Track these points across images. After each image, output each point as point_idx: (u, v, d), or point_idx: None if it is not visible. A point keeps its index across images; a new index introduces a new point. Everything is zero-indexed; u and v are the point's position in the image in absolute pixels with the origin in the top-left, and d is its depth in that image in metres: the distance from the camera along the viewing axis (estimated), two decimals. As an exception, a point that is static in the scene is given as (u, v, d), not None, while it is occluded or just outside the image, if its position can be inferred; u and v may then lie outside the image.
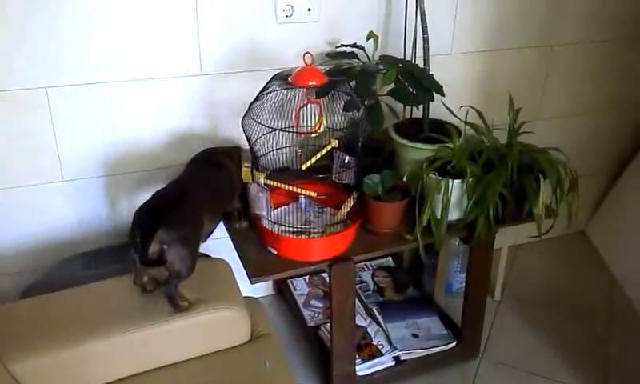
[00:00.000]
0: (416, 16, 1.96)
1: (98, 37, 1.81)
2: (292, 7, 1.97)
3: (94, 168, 1.97)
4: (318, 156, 1.78)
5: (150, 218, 1.46)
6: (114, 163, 1.99)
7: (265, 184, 1.70)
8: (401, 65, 1.89)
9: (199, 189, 1.62)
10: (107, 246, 2.02)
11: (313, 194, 1.77)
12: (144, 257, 1.44)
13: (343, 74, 1.80)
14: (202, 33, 1.92)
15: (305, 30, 2.02)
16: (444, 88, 1.84)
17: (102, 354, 1.45)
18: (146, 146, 2.00)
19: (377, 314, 2.23)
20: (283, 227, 1.74)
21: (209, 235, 1.67)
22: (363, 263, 2.51)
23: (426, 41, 1.93)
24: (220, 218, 1.75)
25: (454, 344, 2.10)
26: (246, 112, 1.68)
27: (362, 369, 1.99)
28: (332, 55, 2.01)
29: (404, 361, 2.04)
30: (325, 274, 2.44)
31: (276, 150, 1.75)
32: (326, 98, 1.71)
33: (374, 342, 2.10)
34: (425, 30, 1.93)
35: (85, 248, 2.00)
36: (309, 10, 2.00)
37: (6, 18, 1.69)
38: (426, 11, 1.92)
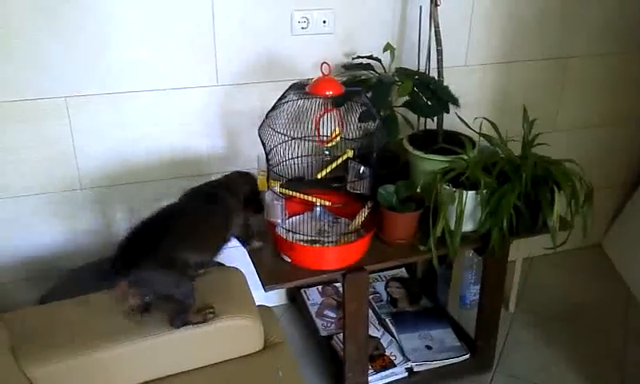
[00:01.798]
0: (430, 28, 1.98)
1: (117, 48, 1.85)
2: (307, 19, 1.99)
3: (112, 177, 2.00)
4: (334, 165, 1.79)
5: (125, 265, 1.41)
6: (131, 172, 2.01)
7: (280, 192, 1.71)
8: (417, 77, 1.90)
9: (180, 224, 1.53)
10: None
11: (327, 203, 1.78)
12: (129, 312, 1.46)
13: (360, 85, 1.82)
14: (218, 44, 1.94)
15: (320, 41, 2.04)
16: (458, 100, 1.85)
17: (116, 360, 1.46)
18: (163, 156, 2.03)
19: (390, 324, 2.23)
20: (298, 235, 1.75)
21: (203, 266, 1.61)
22: (376, 274, 2.51)
23: (439, 53, 1.94)
24: (217, 250, 1.63)
25: (467, 356, 2.09)
26: (264, 120, 1.69)
27: (375, 380, 1.99)
28: (348, 66, 2.03)
29: (417, 372, 2.04)
30: (338, 284, 2.45)
31: (292, 158, 1.76)
32: (342, 108, 1.72)
33: (387, 353, 2.09)
34: (439, 42, 1.94)
35: (101, 255, 2.03)
36: (324, 22, 2.02)
37: (28, 31, 1.74)
38: (440, 23, 1.93)
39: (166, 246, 1.45)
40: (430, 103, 1.85)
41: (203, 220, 1.60)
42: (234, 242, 1.83)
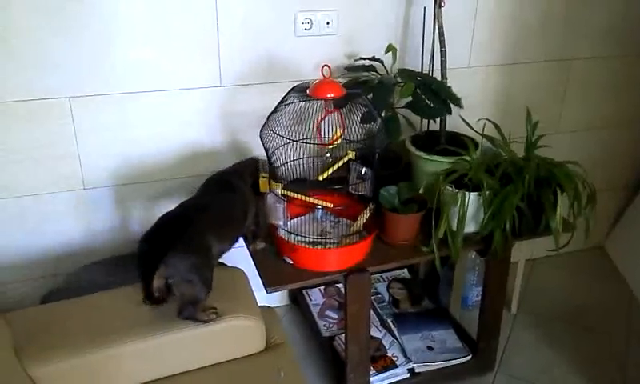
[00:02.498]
0: (434, 29, 1.98)
1: (121, 48, 1.85)
2: (311, 21, 2.00)
3: (115, 177, 2.00)
4: (335, 167, 1.79)
5: (151, 252, 1.45)
6: (134, 172, 2.02)
7: (282, 194, 1.72)
8: (419, 78, 1.90)
9: (205, 212, 1.59)
10: (126, 253, 2.04)
11: (329, 204, 1.79)
12: (149, 296, 1.47)
13: (361, 87, 1.82)
14: (222, 45, 1.95)
15: (323, 43, 2.05)
16: (461, 101, 1.85)
17: (118, 360, 1.47)
18: (166, 156, 2.03)
19: (392, 325, 2.23)
20: (299, 237, 1.75)
21: (221, 255, 1.64)
22: (379, 275, 2.52)
23: (443, 54, 1.94)
24: (234, 239, 1.70)
25: (469, 357, 2.09)
26: (265, 123, 1.70)
27: (377, 380, 1.99)
28: (350, 68, 2.03)
29: (418, 373, 2.04)
30: (340, 285, 2.45)
31: (293, 160, 1.77)
32: (344, 110, 1.72)
33: (389, 354, 2.10)
34: (442, 44, 1.94)
35: (104, 255, 2.04)
36: (327, 23, 2.02)
37: (32, 31, 1.74)
38: (444, 24, 1.93)
39: (192, 232, 1.51)
40: (432, 104, 1.85)
41: (225, 210, 1.66)
42: (237, 243, 1.84)
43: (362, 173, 1.76)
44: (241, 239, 1.76)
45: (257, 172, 1.79)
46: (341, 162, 1.80)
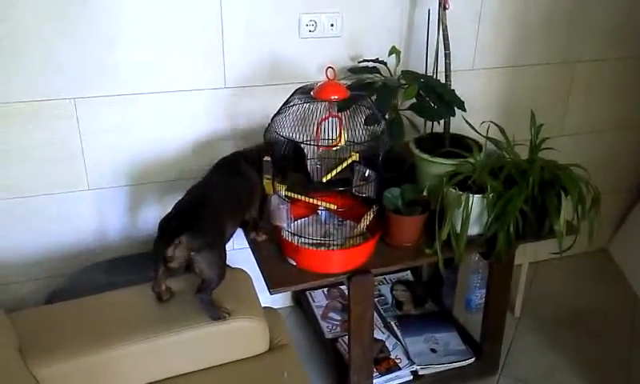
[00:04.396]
0: (438, 31, 1.98)
1: (125, 50, 1.85)
2: (315, 22, 2.00)
3: (119, 177, 2.01)
4: (339, 169, 1.79)
5: (175, 226, 1.48)
6: (137, 173, 2.02)
7: (285, 196, 1.72)
8: (422, 80, 1.90)
9: (220, 195, 1.63)
10: (130, 254, 2.05)
11: (333, 206, 1.79)
12: (170, 259, 1.46)
13: (365, 89, 1.82)
14: (226, 47, 1.95)
15: (327, 45, 2.05)
16: (465, 103, 1.85)
17: (122, 361, 1.47)
18: (170, 157, 2.04)
19: (395, 327, 2.23)
20: (303, 239, 1.75)
21: (228, 241, 1.67)
22: (382, 277, 2.52)
23: (447, 56, 1.94)
24: (239, 224, 1.75)
25: (472, 360, 2.09)
26: (269, 125, 1.70)
27: (380, 382, 1.99)
28: (354, 70, 2.03)
29: (422, 375, 2.04)
30: (343, 287, 2.45)
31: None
32: (348, 111, 1.72)
33: (392, 356, 2.10)
34: (447, 46, 1.94)
35: (108, 256, 2.04)
36: (331, 25, 2.02)
37: (37, 33, 1.75)
38: (448, 26, 1.93)
39: (211, 214, 1.54)
40: (436, 106, 1.85)
41: (236, 192, 1.69)
42: (240, 244, 1.84)
43: (366, 175, 1.76)
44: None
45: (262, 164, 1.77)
46: (345, 164, 1.80)
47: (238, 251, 1.79)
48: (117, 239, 2.09)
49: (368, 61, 2.01)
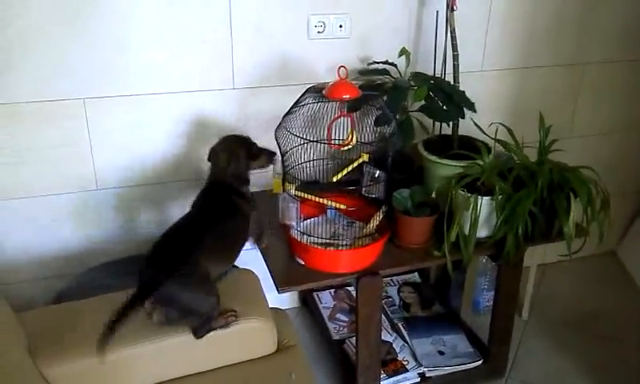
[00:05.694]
0: (446, 33, 1.98)
1: (134, 52, 1.86)
2: (324, 24, 2.00)
3: (128, 178, 2.01)
4: (349, 169, 1.79)
5: (150, 284, 1.43)
6: (147, 174, 2.03)
7: (295, 195, 1.72)
8: (432, 81, 1.90)
9: (204, 240, 1.53)
10: (138, 254, 2.05)
11: (342, 206, 1.79)
12: (150, 317, 1.48)
13: (375, 90, 1.82)
14: (235, 48, 1.96)
15: (336, 46, 2.05)
16: (475, 105, 1.84)
17: (130, 361, 1.47)
18: (179, 158, 2.04)
19: (402, 329, 2.22)
20: (312, 238, 1.75)
21: (224, 275, 1.64)
22: (389, 278, 2.51)
23: (455, 58, 1.94)
24: (236, 258, 1.67)
25: (480, 362, 2.08)
26: (280, 123, 1.70)
27: (387, 384, 1.99)
28: (364, 72, 2.03)
29: (429, 378, 2.03)
30: (350, 288, 2.45)
31: (307, 161, 1.77)
32: (357, 112, 1.72)
33: (400, 358, 2.09)
34: (455, 47, 1.93)
35: (116, 256, 2.05)
36: (340, 26, 2.02)
37: (48, 34, 1.76)
38: (457, 28, 1.93)
39: (190, 262, 1.48)
40: (445, 108, 1.84)
41: (226, 235, 1.62)
42: (247, 244, 1.84)
43: (376, 175, 1.76)
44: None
45: (247, 145, 1.73)
46: (355, 164, 1.80)
47: (246, 251, 1.79)
48: (126, 239, 2.09)
49: (378, 62, 2.01)
